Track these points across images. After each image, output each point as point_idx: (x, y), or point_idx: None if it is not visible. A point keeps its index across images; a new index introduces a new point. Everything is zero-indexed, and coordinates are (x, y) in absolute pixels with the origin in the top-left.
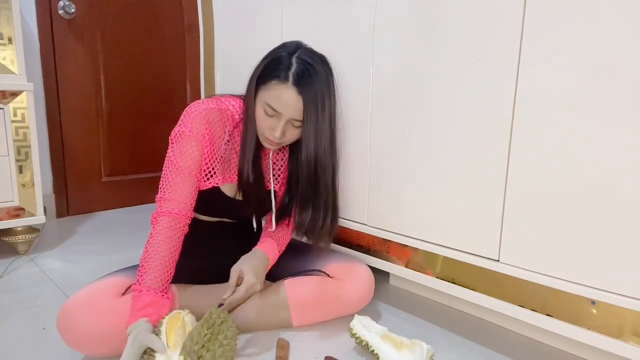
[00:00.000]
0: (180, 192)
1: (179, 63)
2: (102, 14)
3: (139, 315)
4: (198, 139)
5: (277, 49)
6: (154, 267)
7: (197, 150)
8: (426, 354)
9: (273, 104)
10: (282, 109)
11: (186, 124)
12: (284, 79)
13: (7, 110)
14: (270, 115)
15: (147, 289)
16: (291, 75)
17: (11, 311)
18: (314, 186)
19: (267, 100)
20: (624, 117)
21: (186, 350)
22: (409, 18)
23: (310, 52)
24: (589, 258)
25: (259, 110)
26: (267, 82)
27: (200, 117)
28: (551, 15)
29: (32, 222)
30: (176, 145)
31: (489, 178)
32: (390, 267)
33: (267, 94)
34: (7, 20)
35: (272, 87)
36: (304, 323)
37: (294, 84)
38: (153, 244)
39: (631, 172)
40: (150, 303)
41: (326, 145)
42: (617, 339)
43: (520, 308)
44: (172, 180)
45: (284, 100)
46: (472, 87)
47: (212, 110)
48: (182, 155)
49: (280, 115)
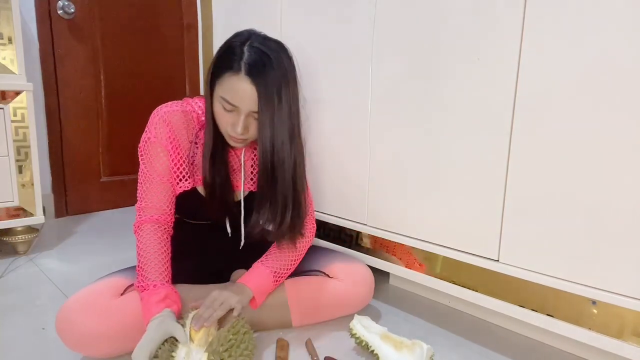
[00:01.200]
0: (156, 198)
1: (178, 62)
2: (102, 14)
3: (161, 306)
4: (162, 144)
5: (229, 39)
6: (153, 266)
7: (164, 156)
8: (426, 354)
9: (229, 97)
10: (238, 102)
11: (150, 130)
12: (237, 70)
13: (7, 110)
14: (228, 111)
15: (161, 283)
16: (243, 65)
17: (11, 311)
18: (271, 181)
19: (222, 94)
20: (624, 116)
21: (212, 348)
22: (409, 18)
23: (264, 39)
24: (590, 258)
25: (217, 107)
26: (221, 75)
27: (162, 122)
28: (551, 15)
29: (32, 222)
30: (144, 153)
31: (489, 178)
32: (390, 267)
33: (222, 88)
34: (7, 20)
35: (226, 79)
36: (303, 323)
37: (247, 73)
38: (144, 248)
39: (632, 172)
40: (167, 295)
41: (284, 137)
42: (617, 339)
43: (520, 308)
44: (146, 187)
45: (239, 93)
46: (472, 86)
47: (175, 113)
48: (151, 162)
49: (238, 109)
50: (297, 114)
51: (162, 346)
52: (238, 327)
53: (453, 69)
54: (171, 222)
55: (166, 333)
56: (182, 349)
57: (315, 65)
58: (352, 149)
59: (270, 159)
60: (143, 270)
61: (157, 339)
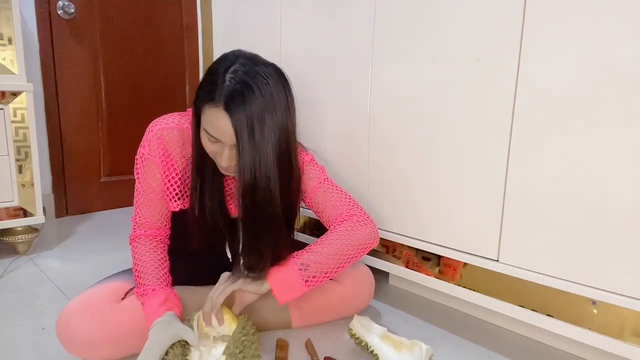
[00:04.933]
0: (150, 214)
1: (177, 63)
2: (102, 14)
3: (162, 310)
4: (156, 162)
5: (214, 63)
6: (151, 272)
7: (157, 173)
8: (425, 355)
9: (211, 131)
10: (220, 137)
11: (144, 146)
12: (217, 102)
13: (7, 110)
14: (213, 142)
15: (160, 287)
16: (222, 98)
17: (11, 311)
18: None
19: (204, 126)
20: (624, 116)
21: (229, 351)
22: (409, 18)
23: (252, 63)
24: (590, 258)
25: (203, 136)
26: (203, 105)
27: (155, 139)
28: (551, 14)
29: (32, 222)
30: (140, 167)
31: (489, 178)
32: (390, 267)
33: (204, 119)
34: (7, 20)
35: (207, 111)
36: (303, 324)
37: (225, 108)
38: (139, 258)
39: (631, 172)
40: (167, 298)
41: (268, 170)
42: (617, 339)
43: (520, 308)
44: (141, 202)
45: (219, 129)
46: (471, 87)
47: (170, 130)
48: (145, 178)
49: (221, 142)
50: (287, 142)
51: (171, 350)
52: (247, 328)
53: (453, 69)
54: (167, 235)
55: (174, 336)
56: (195, 352)
57: (314, 68)
58: (352, 149)
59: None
60: (141, 279)
61: (165, 341)
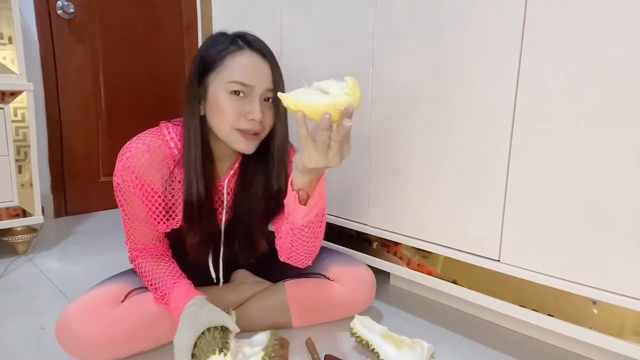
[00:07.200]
0: (141, 237)
1: (177, 63)
2: (101, 14)
3: (191, 295)
4: (130, 190)
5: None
6: (165, 275)
7: (136, 199)
8: (427, 353)
9: (240, 77)
10: (253, 79)
11: (117, 175)
12: (240, 47)
13: (7, 110)
14: (240, 97)
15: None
16: (246, 43)
17: (10, 311)
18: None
19: (230, 78)
20: (625, 116)
21: (268, 351)
22: (408, 18)
23: None
24: (590, 258)
25: (223, 99)
26: (219, 64)
27: (125, 169)
28: (552, 14)
29: (31, 222)
30: (119, 196)
31: (490, 178)
32: (391, 267)
33: (226, 74)
34: (7, 20)
35: (229, 63)
36: (304, 324)
37: (254, 49)
38: (147, 270)
39: (632, 172)
40: (192, 286)
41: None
42: (618, 337)
43: (521, 308)
44: (129, 228)
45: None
46: (472, 86)
47: (141, 155)
48: (127, 206)
49: (252, 89)
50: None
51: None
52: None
53: (453, 69)
54: (166, 247)
55: (209, 322)
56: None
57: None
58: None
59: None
60: (156, 284)
61: (205, 323)
